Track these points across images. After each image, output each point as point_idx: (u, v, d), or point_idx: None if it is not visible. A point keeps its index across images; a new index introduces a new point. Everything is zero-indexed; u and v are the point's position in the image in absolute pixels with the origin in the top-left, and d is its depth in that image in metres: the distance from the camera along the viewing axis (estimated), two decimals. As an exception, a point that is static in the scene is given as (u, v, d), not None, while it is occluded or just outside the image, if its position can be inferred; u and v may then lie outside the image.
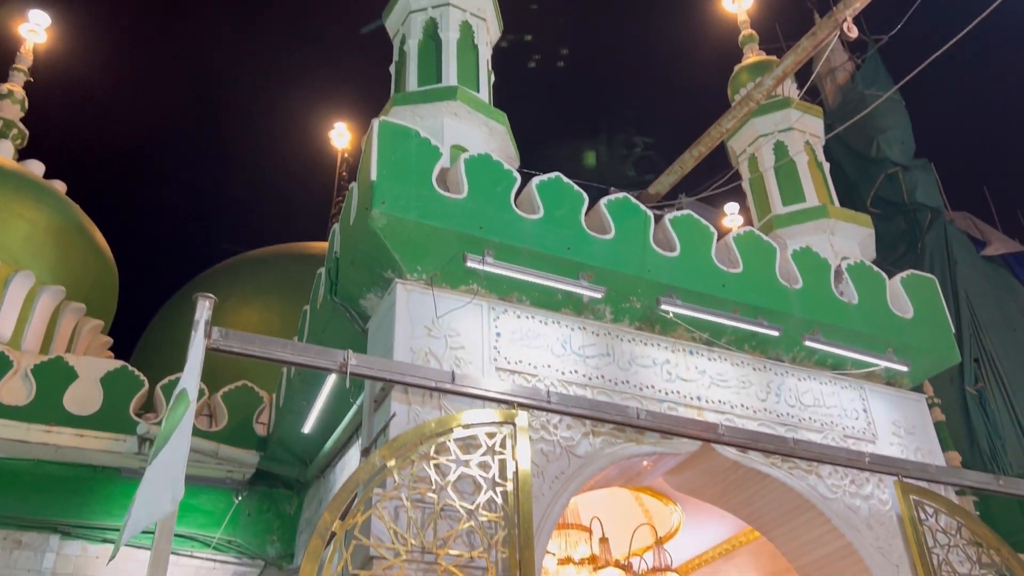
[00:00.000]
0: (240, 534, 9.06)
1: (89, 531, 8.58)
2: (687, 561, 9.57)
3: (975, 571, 6.67)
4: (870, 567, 6.52)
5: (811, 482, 6.75)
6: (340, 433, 8.29)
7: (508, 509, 5.44)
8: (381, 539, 5.10)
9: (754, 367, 7.22)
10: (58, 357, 9.16)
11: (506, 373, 6.21)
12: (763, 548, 8.54)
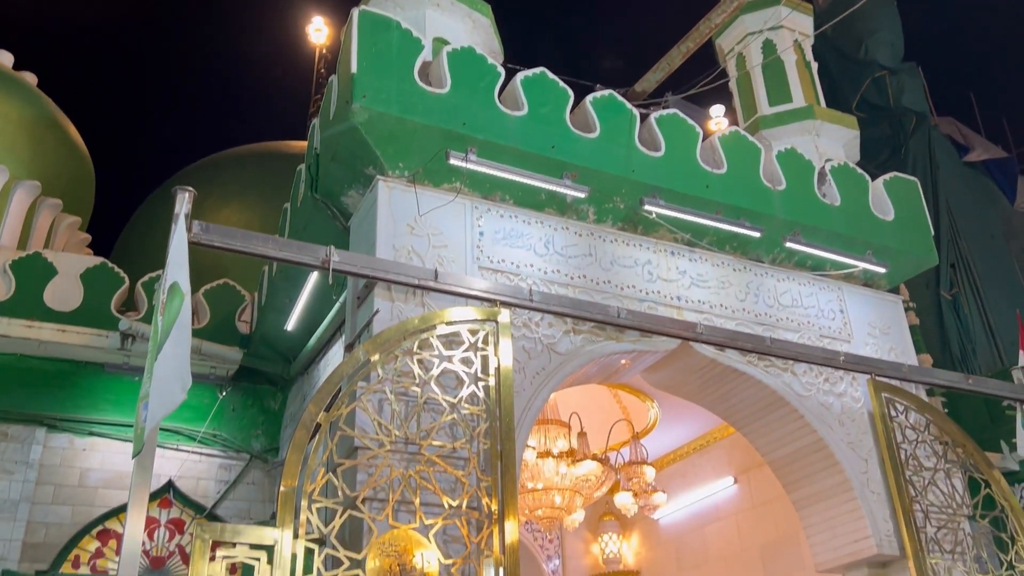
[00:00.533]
0: (225, 428, 9.20)
1: (75, 424, 8.69)
2: (662, 456, 9.86)
3: (940, 465, 6.92)
4: (840, 461, 6.75)
5: (786, 380, 6.91)
6: (323, 330, 8.34)
7: (490, 403, 5.54)
8: (365, 430, 5.21)
9: (734, 268, 7.28)
10: (36, 253, 9.08)
11: (489, 272, 6.23)
12: (737, 443, 8.79)
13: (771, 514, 8.38)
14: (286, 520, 4.66)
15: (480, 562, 5.13)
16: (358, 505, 4.97)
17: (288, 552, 4.58)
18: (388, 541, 4.88)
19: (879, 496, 6.72)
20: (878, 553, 6.52)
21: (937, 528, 6.60)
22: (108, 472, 8.63)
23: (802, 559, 7.76)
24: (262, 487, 9.13)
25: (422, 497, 5.12)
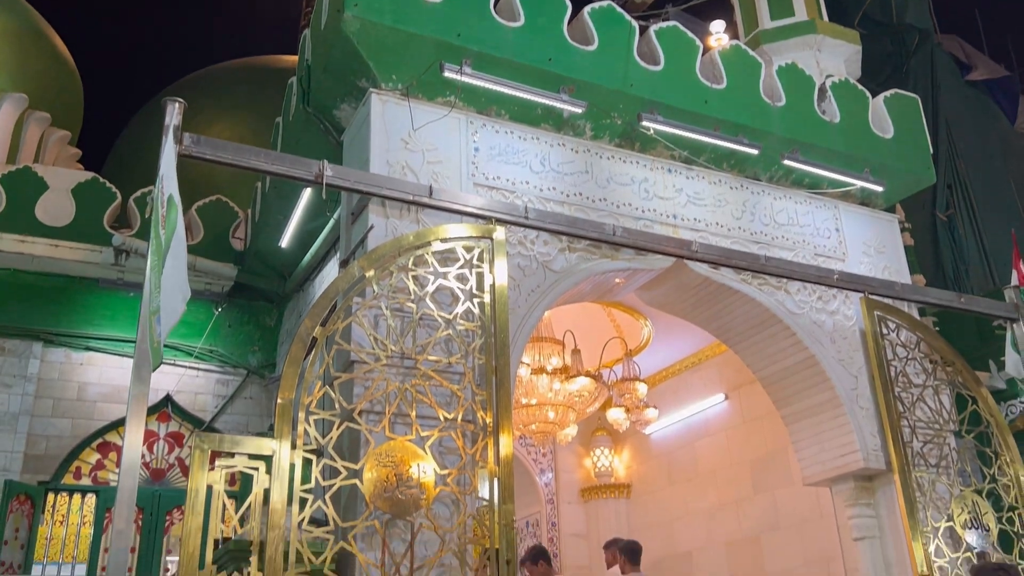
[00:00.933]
0: (221, 344, 9.27)
1: (72, 339, 8.75)
2: (655, 373, 9.97)
3: (929, 382, 7.02)
4: (831, 377, 6.84)
5: (779, 298, 6.94)
6: (318, 247, 8.32)
7: (485, 319, 5.56)
8: (361, 345, 5.24)
9: (731, 186, 7.23)
10: (26, 167, 8.99)
11: (484, 189, 6.18)
12: (728, 361, 8.88)
13: (761, 430, 8.53)
14: (284, 431, 4.72)
15: (475, 472, 5.23)
16: (355, 417, 5.04)
17: (286, 462, 4.66)
18: (385, 452, 4.96)
19: (868, 412, 6.84)
20: (865, 467, 6.66)
21: (923, 443, 6.74)
22: (106, 386, 8.73)
23: (790, 473, 7.94)
24: (259, 402, 9.25)
25: (418, 410, 5.19)
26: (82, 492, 8.39)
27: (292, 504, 4.61)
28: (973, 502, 6.69)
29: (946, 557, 6.33)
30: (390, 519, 4.90)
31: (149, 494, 8.38)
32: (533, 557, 7.00)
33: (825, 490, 7.32)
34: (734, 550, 8.62)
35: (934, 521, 6.44)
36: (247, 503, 4.56)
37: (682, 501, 9.47)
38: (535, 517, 10.47)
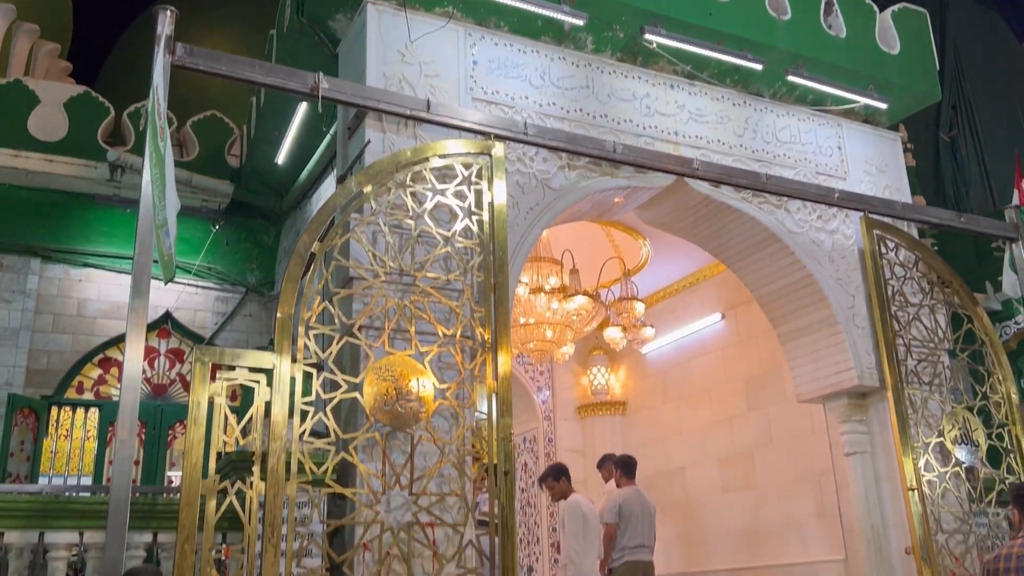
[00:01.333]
0: (220, 262, 9.27)
1: (70, 255, 8.74)
2: (652, 293, 10.00)
3: (926, 302, 7.06)
4: (828, 296, 6.86)
5: (779, 216, 6.91)
6: (314, 164, 8.24)
7: (483, 237, 5.55)
8: (360, 261, 5.23)
9: (734, 102, 7.13)
10: (17, 80, 8.84)
11: (483, 104, 6.08)
12: (726, 281, 8.90)
13: (756, 348, 8.60)
14: (284, 346, 4.75)
15: (474, 387, 5.29)
16: (354, 332, 5.06)
17: (287, 375, 4.70)
18: (385, 366, 5.01)
19: (863, 330, 6.89)
20: (859, 384, 6.74)
21: (917, 361, 6.81)
22: (105, 303, 8.76)
23: (784, 390, 8.04)
24: (259, 320, 9.29)
25: (417, 326, 5.22)
26: (85, 406, 8.50)
27: (293, 416, 4.67)
28: (964, 419, 6.80)
29: (935, 471, 6.47)
30: (390, 431, 4.97)
31: (151, 408, 8.49)
32: (555, 474, 7.10)
33: (818, 407, 7.43)
34: (726, 465, 8.79)
35: (925, 437, 6.55)
36: (248, 415, 4.62)
37: (676, 418, 9.61)
38: (532, 433, 10.64)
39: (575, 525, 6.74)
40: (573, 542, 6.70)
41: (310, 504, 4.74)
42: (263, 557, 4.37)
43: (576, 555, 6.66)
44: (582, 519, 6.77)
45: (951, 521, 6.44)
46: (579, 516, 6.77)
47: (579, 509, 6.82)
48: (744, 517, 8.47)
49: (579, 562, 6.64)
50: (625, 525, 7.01)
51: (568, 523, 6.81)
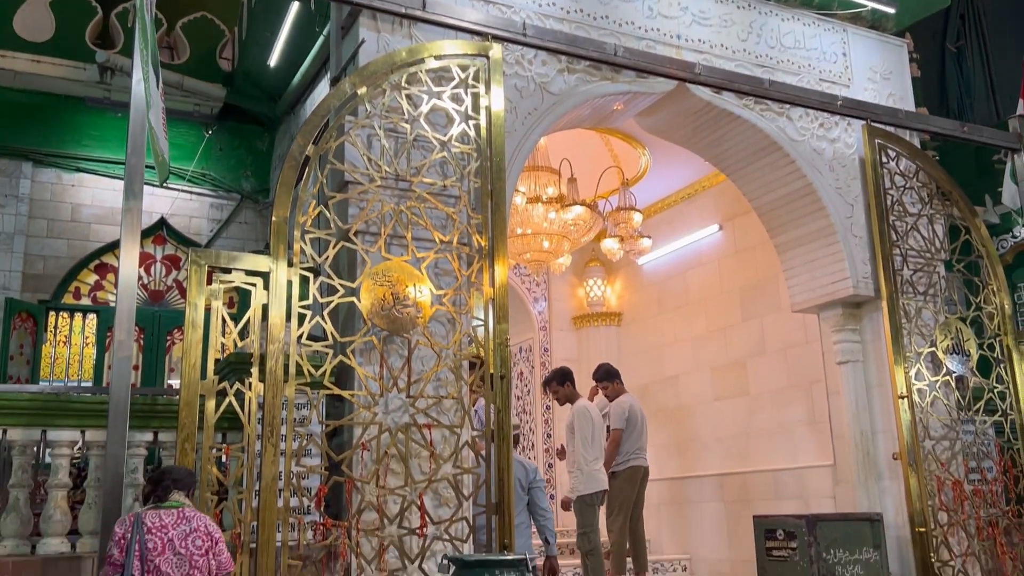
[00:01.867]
0: (213, 168, 9.17)
1: (62, 160, 8.63)
2: (650, 204, 9.94)
3: (925, 211, 7.03)
4: (826, 206, 6.82)
5: (780, 124, 6.81)
6: (307, 67, 8.06)
7: (481, 142, 5.47)
8: (355, 165, 5.17)
9: (738, 5, 6.94)
10: (-2, -23, 8.55)
11: (480, 3, 5.91)
12: (725, 192, 8.85)
13: (752, 259, 8.61)
14: (279, 249, 4.74)
15: (470, 294, 5.30)
16: (351, 237, 5.04)
17: (283, 279, 4.70)
18: (381, 272, 5.00)
19: (861, 240, 6.87)
20: (854, 294, 6.77)
21: (913, 271, 6.82)
22: (99, 208, 8.69)
23: (779, 301, 8.07)
24: (255, 227, 9.25)
25: (413, 232, 5.19)
26: (83, 312, 8.53)
27: (291, 320, 4.70)
28: (957, 329, 6.85)
29: (926, 380, 6.55)
30: (387, 336, 5.00)
31: (149, 314, 8.52)
32: (560, 378, 7.15)
33: (812, 317, 7.47)
34: (719, 374, 8.91)
35: (917, 347, 6.61)
36: (246, 317, 4.64)
37: (671, 329, 9.68)
38: (528, 343, 10.74)
39: (586, 430, 6.81)
40: (582, 448, 6.78)
41: (309, 405, 4.81)
42: (263, 456, 4.45)
43: (584, 462, 6.75)
44: (591, 424, 6.87)
45: (938, 428, 6.56)
46: (589, 421, 6.86)
47: (589, 414, 6.90)
48: (735, 424, 8.62)
49: (587, 469, 6.74)
50: (630, 431, 7.14)
51: (578, 429, 6.85)
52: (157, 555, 3.53)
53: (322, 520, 4.60)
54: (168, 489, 3.71)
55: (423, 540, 4.80)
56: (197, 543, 3.62)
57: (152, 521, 3.58)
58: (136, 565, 3.48)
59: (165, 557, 3.54)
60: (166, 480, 3.74)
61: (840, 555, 6.09)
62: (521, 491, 5.41)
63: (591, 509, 6.71)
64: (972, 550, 6.38)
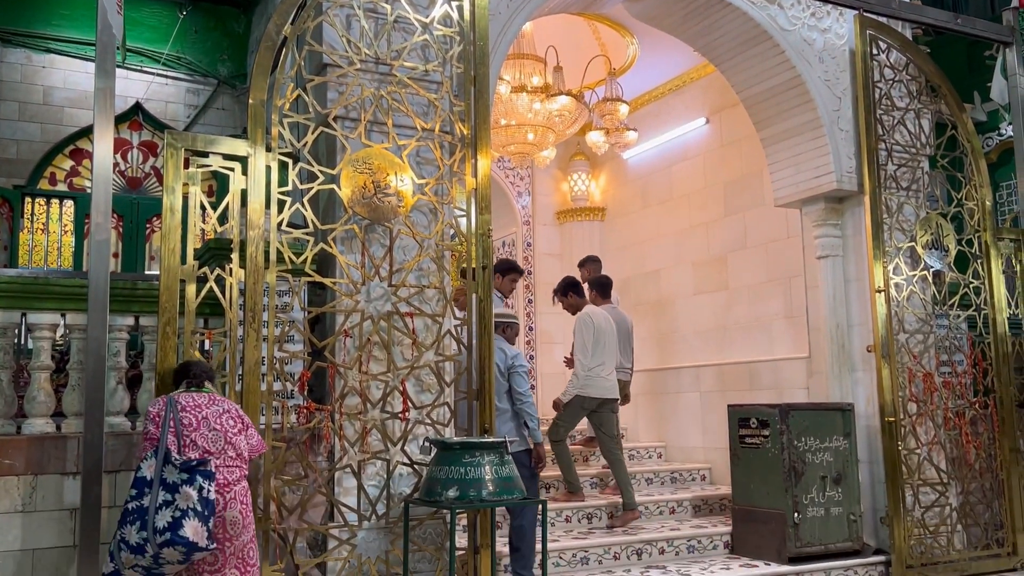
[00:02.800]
0: (189, 51, 8.90)
1: (31, 39, 8.34)
2: (637, 96, 9.79)
3: (912, 106, 6.96)
4: (814, 98, 6.73)
5: (772, 12, 6.65)
6: (285, -54, 7.72)
7: (464, 24, 5.32)
8: (334, 47, 5.02)
9: None
10: None
11: None
12: (712, 84, 8.71)
13: (737, 153, 8.54)
14: (257, 134, 4.65)
15: (453, 184, 5.25)
16: (330, 123, 4.94)
17: (262, 164, 4.63)
18: (362, 159, 4.93)
19: (847, 134, 6.82)
20: (837, 188, 6.76)
21: (898, 166, 6.80)
22: (72, 91, 8.46)
23: (763, 195, 8.06)
24: (232, 114, 9.05)
25: (394, 119, 5.10)
26: (59, 198, 8.40)
27: (270, 206, 4.65)
28: (937, 224, 6.89)
29: (903, 275, 6.63)
30: (369, 224, 4.97)
31: (127, 202, 8.41)
32: (562, 289, 7.17)
33: (794, 212, 7.48)
34: (700, 269, 8.96)
35: (897, 242, 6.66)
36: (225, 202, 4.59)
37: (654, 224, 9.68)
38: (511, 237, 10.74)
39: (581, 338, 6.90)
40: (580, 355, 6.88)
41: (291, 292, 4.81)
42: (245, 341, 4.48)
43: (580, 367, 6.84)
44: (592, 331, 6.91)
45: (913, 322, 6.67)
46: (589, 328, 6.91)
47: (589, 321, 6.94)
48: (714, 317, 8.73)
49: (581, 374, 6.83)
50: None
51: (576, 336, 6.95)
52: (192, 430, 3.75)
53: (305, 404, 4.66)
54: (201, 377, 3.97)
55: (405, 424, 4.90)
56: (230, 422, 3.87)
57: (186, 401, 3.82)
58: (172, 440, 3.68)
59: (200, 432, 3.76)
60: (195, 369, 3.99)
61: (811, 443, 6.29)
62: (500, 377, 5.48)
63: (573, 408, 6.86)
64: (938, 439, 6.59)
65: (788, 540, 6.09)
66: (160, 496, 3.58)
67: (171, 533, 3.51)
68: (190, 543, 3.52)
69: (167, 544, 3.50)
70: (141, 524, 3.53)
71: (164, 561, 3.55)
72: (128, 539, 3.53)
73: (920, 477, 6.41)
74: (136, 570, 3.58)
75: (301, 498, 4.58)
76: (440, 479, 4.45)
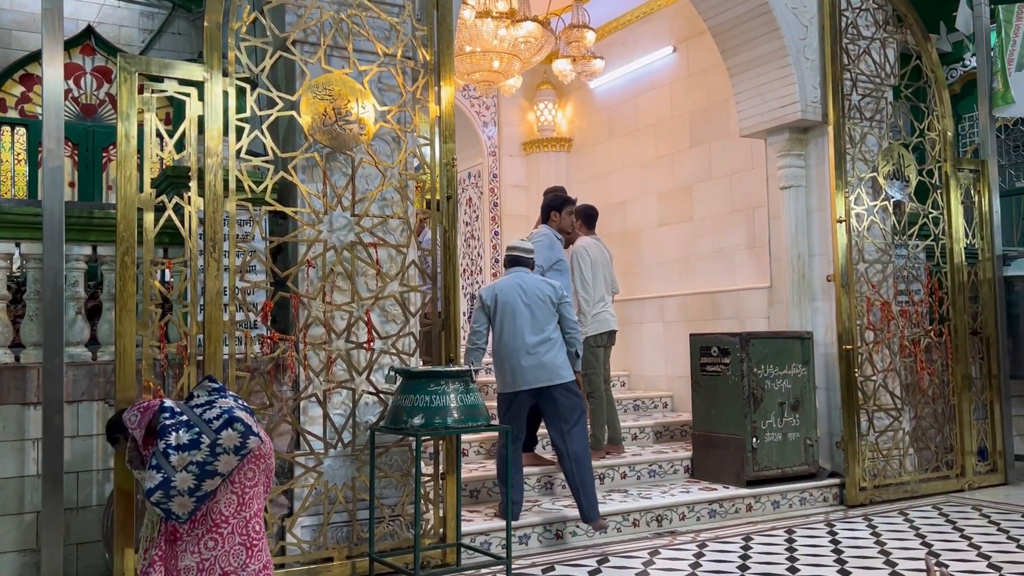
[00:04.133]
0: (142, -27, 8.58)
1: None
2: (604, 24, 9.65)
3: (878, 35, 6.94)
4: (781, 27, 6.67)
5: (741, -63, 6.56)
6: None
7: (426, -55, 5.17)
8: (291, -33, 4.86)
9: None
10: None
11: None
12: (680, 11, 8.60)
13: (704, 83, 8.49)
14: (214, 58, 4.52)
15: (416, 112, 5.17)
16: (288, 47, 4.82)
17: (219, 89, 4.51)
18: (322, 85, 4.82)
19: (813, 63, 6.79)
20: (802, 118, 6.76)
21: (862, 96, 6.81)
22: (20, 13, 8.15)
23: (728, 125, 8.05)
24: (189, 38, 8.79)
25: (355, 43, 4.98)
26: (10, 125, 8.14)
27: (228, 133, 4.55)
28: (899, 155, 6.94)
29: (864, 205, 6.70)
30: (330, 152, 4.89)
31: (82, 129, 8.19)
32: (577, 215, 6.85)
33: (759, 142, 7.49)
34: (666, 199, 8.98)
35: (859, 172, 6.71)
36: (181, 129, 4.48)
37: (621, 155, 9.65)
38: (477, 168, 10.65)
39: (583, 271, 6.87)
40: (581, 290, 6.85)
41: (251, 222, 4.74)
42: (206, 271, 4.42)
43: (585, 303, 6.82)
44: (588, 263, 6.89)
45: (873, 252, 6.77)
46: (586, 261, 6.89)
47: (586, 254, 6.92)
48: (679, 248, 8.79)
49: (588, 311, 6.81)
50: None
51: (575, 272, 6.87)
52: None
53: (269, 334, 4.65)
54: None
55: (370, 354, 4.91)
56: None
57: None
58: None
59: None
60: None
61: (770, 370, 6.42)
62: (552, 308, 5.49)
63: (594, 351, 6.80)
64: (894, 366, 6.76)
65: (746, 464, 6.26)
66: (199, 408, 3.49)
67: (227, 415, 3.41)
68: (247, 425, 3.42)
69: (226, 425, 3.38)
70: (188, 426, 3.39)
71: (221, 451, 3.36)
72: (175, 443, 3.33)
73: (875, 403, 6.59)
74: (190, 470, 3.32)
75: (266, 427, 4.59)
76: (405, 407, 4.49)
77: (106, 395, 4.57)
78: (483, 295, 5.61)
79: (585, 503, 5.34)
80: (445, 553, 4.96)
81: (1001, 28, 7.44)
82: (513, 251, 5.73)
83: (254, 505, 3.54)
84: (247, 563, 3.47)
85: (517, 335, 5.42)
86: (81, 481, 4.53)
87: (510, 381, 5.46)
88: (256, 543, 3.52)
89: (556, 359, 5.42)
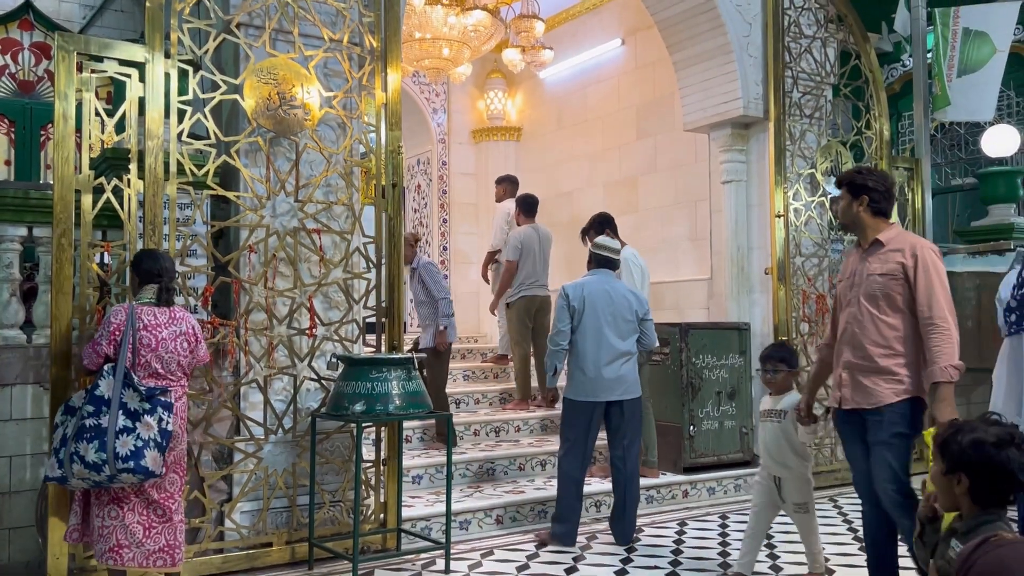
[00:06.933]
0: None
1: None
2: (554, 15, 9.69)
3: (820, 34, 7.10)
4: (726, 23, 6.80)
5: (688, -66, 6.65)
6: None
7: (376, -72, 5.16)
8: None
9: None
10: None
11: None
12: (629, 5, 8.69)
13: (651, 77, 8.59)
14: (156, 39, 4.47)
15: (362, 98, 5.16)
16: (232, 29, 4.78)
17: (160, 71, 4.46)
18: (267, 69, 4.79)
19: (756, 60, 6.93)
20: (744, 114, 6.90)
21: (802, 94, 6.98)
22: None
23: (673, 120, 8.16)
24: (132, 16, 8.60)
25: (301, 28, 4.95)
26: (-57, 101, 7.92)
27: (170, 115, 4.50)
28: (837, 152, 7.13)
29: (803, 200, 6.87)
30: (274, 137, 4.87)
31: (19, 106, 7.98)
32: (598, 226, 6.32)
33: (703, 137, 7.62)
34: (611, 190, 9.08)
35: (799, 168, 6.88)
36: (121, 110, 4.42)
37: (569, 145, 9.72)
38: (427, 156, 10.63)
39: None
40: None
41: (192, 205, 4.71)
42: (145, 254, 4.37)
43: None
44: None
45: (810, 246, 6.96)
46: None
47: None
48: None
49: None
50: (523, 262, 7.42)
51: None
52: (149, 351, 3.73)
53: (209, 319, 4.62)
54: (171, 294, 3.90)
55: (313, 340, 4.91)
56: (183, 346, 3.86)
57: (148, 318, 3.77)
58: (128, 357, 3.66)
59: (156, 354, 3.76)
60: (166, 280, 3.88)
61: (708, 360, 6.56)
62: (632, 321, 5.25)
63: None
64: (827, 357, 6.95)
65: (684, 451, 6.40)
66: (120, 421, 3.58)
67: (133, 462, 3.54)
68: (149, 471, 3.58)
69: (127, 471, 3.54)
70: (100, 445, 3.53)
71: (119, 483, 3.60)
72: (84, 456, 3.52)
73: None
74: (86, 482, 3.59)
75: (206, 412, 4.58)
76: (347, 394, 4.51)
77: (40, 379, 4.51)
78: (569, 294, 5.22)
79: (627, 526, 5.18)
80: (385, 538, 5.00)
81: (938, 30, 7.67)
82: (601, 250, 5.39)
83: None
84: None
85: (603, 344, 5.12)
86: (15, 465, 4.46)
87: (590, 390, 5.13)
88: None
89: (632, 373, 5.22)
